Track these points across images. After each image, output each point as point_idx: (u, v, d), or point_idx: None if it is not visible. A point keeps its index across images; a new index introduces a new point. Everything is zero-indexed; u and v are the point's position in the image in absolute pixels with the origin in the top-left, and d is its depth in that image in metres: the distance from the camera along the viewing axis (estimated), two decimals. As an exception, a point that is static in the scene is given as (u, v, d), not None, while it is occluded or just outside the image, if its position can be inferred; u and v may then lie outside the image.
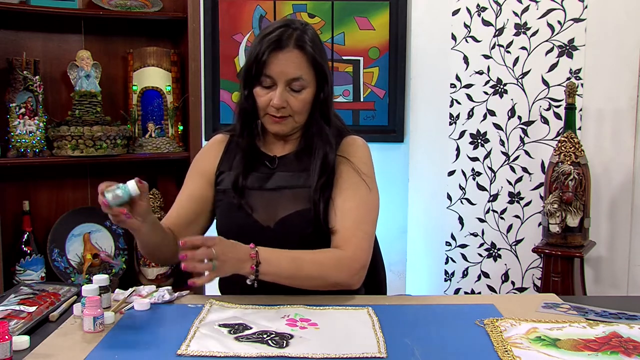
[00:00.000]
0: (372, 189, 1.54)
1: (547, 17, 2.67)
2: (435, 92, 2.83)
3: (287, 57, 1.45)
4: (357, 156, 1.55)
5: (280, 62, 1.45)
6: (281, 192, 1.53)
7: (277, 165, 1.56)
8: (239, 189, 1.54)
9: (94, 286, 1.31)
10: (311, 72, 1.48)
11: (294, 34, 1.46)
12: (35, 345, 1.17)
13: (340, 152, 1.55)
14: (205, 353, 1.12)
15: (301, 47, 1.45)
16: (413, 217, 2.93)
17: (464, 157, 2.82)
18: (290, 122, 1.51)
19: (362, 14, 2.95)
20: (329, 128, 1.53)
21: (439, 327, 1.28)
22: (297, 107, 1.48)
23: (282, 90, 1.46)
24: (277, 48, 1.44)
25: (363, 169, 1.54)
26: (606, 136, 2.64)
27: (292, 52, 1.45)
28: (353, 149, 1.57)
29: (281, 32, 1.46)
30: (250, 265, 1.33)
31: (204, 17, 2.82)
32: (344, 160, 1.54)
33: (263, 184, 1.55)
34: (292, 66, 1.45)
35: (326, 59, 1.53)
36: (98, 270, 2.53)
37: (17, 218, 2.48)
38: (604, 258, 2.68)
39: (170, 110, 2.64)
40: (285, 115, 1.49)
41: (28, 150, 2.39)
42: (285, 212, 1.50)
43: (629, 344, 1.15)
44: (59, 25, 2.56)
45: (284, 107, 1.48)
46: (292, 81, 1.46)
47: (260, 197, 1.53)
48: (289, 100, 1.47)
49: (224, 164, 1.61)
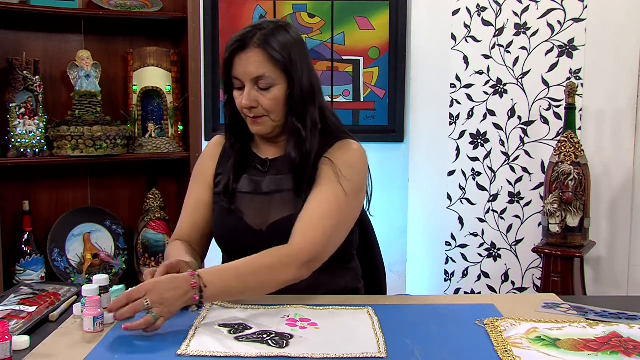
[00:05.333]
0: (350, 194, 1.47)
1: (547, 17, 2.67)
2: (435, 92, 2.83)
3: (248, 57, 1.45)
4: (343, 159, 1.50)
5: (242, 62, 1.45)
6: (272, 196, 1.53)
7: (269, 168, 1.56)
8: (230, 193, 1.54)
9: (94, 286, 1.31)
10: (277, 70, 1.45)
11: (257, 34, 1.45)
12: (35, 345, 1.17)
13: (329, 154, 1.51)
14: (205, 353, 1.12)
15: (262, 46, 1.44)
16: (413, 217, 2.93)
17: (464, 157, 2.82)
18: (268, 122, 1.50)
19: (362, 14, 2.95)
20: (311, 127, 1.49)
21: (439, 327, 1.27)
22: (267, 105, 1.47)
23: (249, 90, 1.46)
24: (240, 49, 1.45)
25: (346, 172, 1.48)
26: (606, 136, 2.64)
27: (253, 51, 1.45)
28: (341, 152, 1.52)
29: (245, 34, 1.46)
30: (192, 296, 1.25)
31: (204, 17, 2.82)
32: (328, 162, 1.50)
33: (255, 187, 1.55)
34: (253, 65, 1.45)
35: (298, 57, 1.48)
36: (98, 270, 2.53)
37: (17, 218, 2.48)
38: (604, 258, 2.68)
39: (170, 110, 2.64)
40: (260, 115, 1.49)
41: (28, 150, 2.39)
42: (275, 217, 1.50)
43: (629, 344, 1.15)
44: (59, 25, 2.56)
45: (255, 107, 1.47)
46: (257, 80, 1.45)
47: (251, 201, 1.54)
48: (259, 99, 1.47)
49: (220, 166, 1.62)
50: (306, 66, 1.50)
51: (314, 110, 1.51)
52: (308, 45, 2.93)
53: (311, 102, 1.50)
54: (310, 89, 1.49)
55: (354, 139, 1.58)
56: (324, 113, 1.56)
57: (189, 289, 1.25)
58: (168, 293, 1.23)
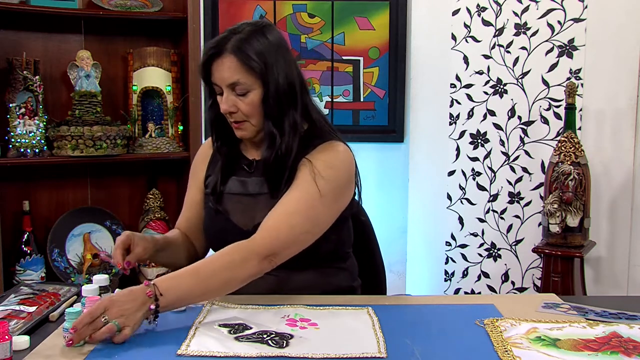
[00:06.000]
0: (326, 194, 1.44)
1: (547, 17, 2.67)
2: (435, 92, 2.83)
3: (223, 63, 1.45)
4: (323, 159, 1.47)
5: (218, 68, 1.46)
6: (257, 197, 1.53)
7: (255, 169, 1.56)
8: (217, 194, 1.57)
9: (94, 286, 1.31)
10: (251, 76, 1.44)
11: (231, 39, 1.45)
12: (35, 345, 1.17)
13: (310, 156, 1.49)
14: (205, 353, 1.12)
15: (235, 52, 1.44)
16: (413, 217, 2.93)
17: (464, 157, 2.82)
18: (249, 127, 1.50)
19: (362, 14, 2.95)
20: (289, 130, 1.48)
21: (439, 327, 1.28)
22: (246, 110, 1.47)
23: (226, 96, 1.47)
24: (215, 54, 1.46)
25: (325, 173, 1.45)
26: (606, 136, 2.64)
27: (227, 57, 1.45)
28: (323, 153, 1.50)
29: (220, 39, 1.46)
30: (149, 305, 1.23)
31: (204, 17, 2.82)
32: (306, 163, 1.48)
33: (241, 188, 1.56)
34: (227, 71, 1.45)
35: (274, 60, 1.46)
36: (98, 270, 2.53)
37: (17, 218, 2.48)
38: (604, 258, 2.68)
39: (170, 110, 2.64)
40: (240, 120, 1.49)
41: (28, 150, 2.39)
42: (261, 218, 1.47)
43: (629, 344, 1.15)
44: (59, 25, 2.56)
45: (235, 112, 1.48)
46: (233, 86, 1.46)
47: (238, 201, 1.55)
48: (238, 104, 1.47)
49: (211, 168, 1.64)
50: (284, 68, 1.47)
51: (293, 112, 1.49)
52: (308, 46, 2.97)
53: (290, 104, 1.48)
54: (289, 91, 1.48)
55: (341, 141, 1.55)
56: (309, 113, 1.54)
57: (145, 298, 1.23)
58: (126, 305, 1.21)
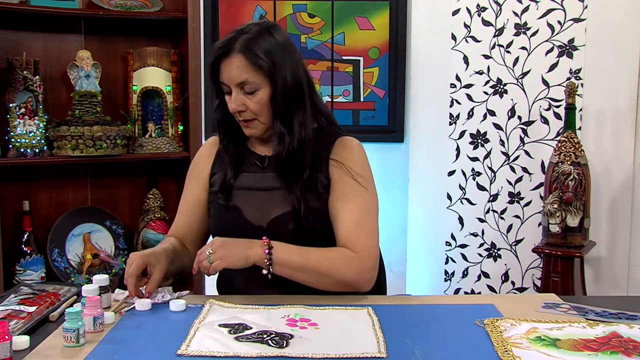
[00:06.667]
0: (369, 188, 1.55)
1: (547, 17, 2.67)
2: (435, 92, 2.83)
3: (231, 63, 1.47)
4: (352, 159, 1.55)
5: (227, 67, 1.48)
6: (272, 192, 1.55)
7: (267, 164, 1.58)
8: (227, 190, 1.57)
9: (94, 286, 1.31)
10: (259, 74, 1.47)
11: (239, 39, 1.47)
12: (35, 345, 1.17)
13: (334, 156, 1.55)
14: (205, 353, 1.12)
15: (244, 51, 1.46)
16: (413, 217, 2.93)
17: (464, 157, 2.82)
18: (258, 125, 1.53)
19: (362, 14, 2.95)
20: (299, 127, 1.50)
21: (439, 327, 1.28)
22: (254, 109, 1.49)
23: (235, 95, 1.49)
24: (224, 54, 1.48)
25: (358, 170, 1.54)
26: (606, 136, 2.64)
27: (235, 57, 1.47)
28: (347, 152, 1.57)
29: (228, 40, 1.48)
30: (263, 250, 1.39)
31: (204, 17, 2.82)
32: (338, 165, 1.54)
33: (255, 184, 1.57)
34: (236, 71, 1.47)
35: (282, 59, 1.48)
36: (98, 270, 2.53)
37: (17, 218, 2.48)
38: (604, 258, 2.68)
39: (170, 110, 2.64)
40: (249, 119, 1.51)
41: (28, 150, 2.39)
42: (276, 212, 1.53)
43: (629, 344, 1.15)
44: (59, 25, 2.56)
45: (244, 111, 1.50)
46: (241, 85, 1.48)
47: (250, 197, 1.56)
48: (247, 103, 1.49)
49: (216, 165, 1.64)
50: (291, 67, 1.50)
51: (302, 110, 1.52)
52: (308, 46, 2.97)
53: (298, 102, 1.51)
54: (297, 90, 1.50)
55: (347, 135, 1.62)
56: (318, 111, 1.58)
57: (259, 244, 1.39)
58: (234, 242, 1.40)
